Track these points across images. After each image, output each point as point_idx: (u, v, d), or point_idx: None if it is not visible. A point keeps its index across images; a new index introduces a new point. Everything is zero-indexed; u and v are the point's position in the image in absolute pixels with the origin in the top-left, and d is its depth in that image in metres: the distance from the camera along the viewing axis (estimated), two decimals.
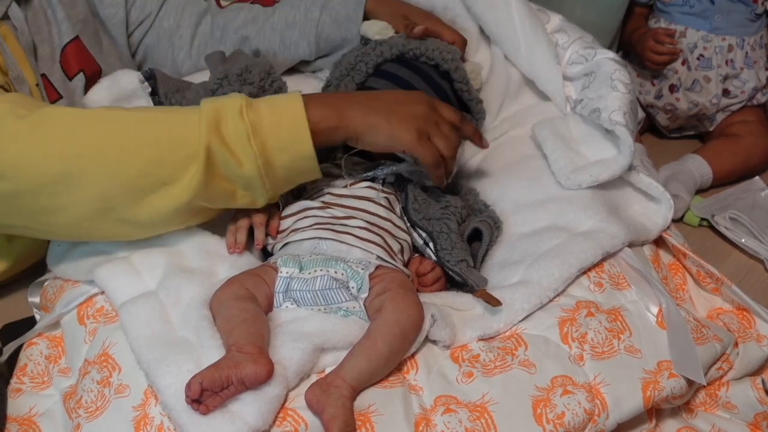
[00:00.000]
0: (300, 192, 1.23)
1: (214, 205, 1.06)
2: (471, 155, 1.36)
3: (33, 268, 1.30)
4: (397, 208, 1.19)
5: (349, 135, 1.07)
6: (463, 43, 1.37)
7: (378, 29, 1.30)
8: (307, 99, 1.03)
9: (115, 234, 1.06)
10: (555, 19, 1.48)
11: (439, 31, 1.34)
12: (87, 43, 1.37)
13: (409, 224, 1.17)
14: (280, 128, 1.01)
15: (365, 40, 1.32)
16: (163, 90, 1.26)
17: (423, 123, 1.09)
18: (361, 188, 1.19)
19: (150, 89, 1.27)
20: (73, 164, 0.96)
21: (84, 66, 1.34)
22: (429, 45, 1.27)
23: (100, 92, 1.27)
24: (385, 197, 1.18)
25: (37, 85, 1.23)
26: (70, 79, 1.33)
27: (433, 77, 1.26)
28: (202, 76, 1.38)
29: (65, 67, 1.32)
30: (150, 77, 1.28)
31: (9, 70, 1.17)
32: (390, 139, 1.08)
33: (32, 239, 1.23)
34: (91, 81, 1.35)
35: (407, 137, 1.07)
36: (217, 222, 1.14)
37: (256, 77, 1.26)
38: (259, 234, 1.11)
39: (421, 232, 1.15)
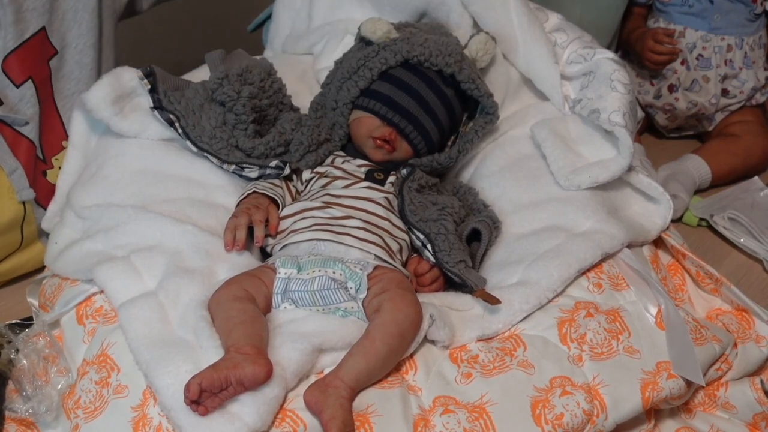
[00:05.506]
0: (299, 192, 1.23)
1: None
2: (471, 155, 1.36)
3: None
4: (396, 208, 1.19)
5: None
6: None
7: (382, 33, 1.29)
8: None
9: None
10: (553, 18, 1.47)
11: None
12: (52, 31, 1.34)
13: (406, 227, 1.17)
14: None
15: (366, 41, 1.31)
16: (162, 88, 1.26)
17: None
18: (361, 188, 1.18)
19: (149, 86, 1.26)
20: None
21: (33, 72, 1.33)
22: (432, 49, 1.24)
23: (103, 88, 1.26)
24: (385, 197, 1.18)
25: None
26: (18, 86, 1.31)
27: (437, 84, 1.25)
28: (202, 74, 1.38)
29: (11, 75, 1.31)
30: (149, 74, 1.28)
31: None
32: None
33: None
34: (41, 86, 1.34)
35: None
36: (218, 223, 1.14)
37: (256, 77, 1.26)
38: (258, 231, 1.11)
39: (418, 234, 1.15)
